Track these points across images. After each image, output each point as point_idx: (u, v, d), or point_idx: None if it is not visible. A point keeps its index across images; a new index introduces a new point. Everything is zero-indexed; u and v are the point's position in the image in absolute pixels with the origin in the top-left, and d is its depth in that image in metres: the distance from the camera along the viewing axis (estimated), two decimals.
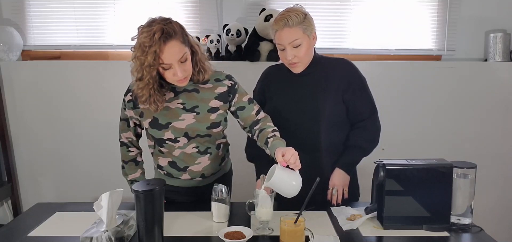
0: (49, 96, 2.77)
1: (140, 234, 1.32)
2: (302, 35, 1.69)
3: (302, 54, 1.71)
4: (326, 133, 1.76)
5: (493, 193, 2.85)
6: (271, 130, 1.62)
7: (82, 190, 2.82)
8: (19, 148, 2.83)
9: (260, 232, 1.46)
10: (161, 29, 1.44)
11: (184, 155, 1.67)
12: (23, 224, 1.59)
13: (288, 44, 1.69)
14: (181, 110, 1.62)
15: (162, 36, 1.44)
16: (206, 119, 1.63)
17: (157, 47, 1.43)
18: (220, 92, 1.66)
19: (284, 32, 1.68)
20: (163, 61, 1.47)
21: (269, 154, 1.56)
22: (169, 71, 1.51)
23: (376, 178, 1.51)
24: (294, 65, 1.73)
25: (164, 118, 1.62)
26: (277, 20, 1.71)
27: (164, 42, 1.44)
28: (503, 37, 2.74)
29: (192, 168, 1.69)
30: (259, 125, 1.67)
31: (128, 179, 1.75)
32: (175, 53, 1.48)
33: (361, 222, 1.52)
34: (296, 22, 1.67)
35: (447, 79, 2.78)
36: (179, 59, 1.49)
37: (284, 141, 1.56)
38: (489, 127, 2.82)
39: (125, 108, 1.68)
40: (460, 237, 1.46)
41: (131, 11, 2.79)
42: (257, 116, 1.70)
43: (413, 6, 2.83)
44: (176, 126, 1.62)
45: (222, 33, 2.68)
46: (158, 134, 1.64)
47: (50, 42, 2.86)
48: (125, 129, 1.72)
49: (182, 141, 1.64)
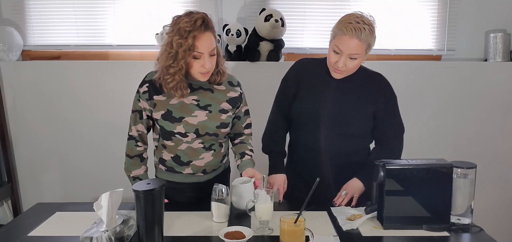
0: (49, 96, 2.77)
1: (140, 234, 1.33)
2: (364, 51, 1.64)
3: (353, 66, 1.67)
4: (344, 139, 1.75)
5: (493, 193, 2.85)
6: (250, 148, 1.80)
7: (82, 190, 2.82)
8: (19, 148, 2.83)
9: (260, 232, 1.46)
10: (202, 18, 1.56)
11: (189, 149, 1.70)
12: (23, 224, 1.59)
13: (347, 53, 1.63)
14: (195, 107, 1.67)
15: (202, 24, 1.56)
16: (217, 118, 1.69)
17: (197, 32, 1.54)
18: (232, 97, 1.74)
19: (352, 42, 1.60)
20: (197, 48, 1.56)
21: (238, 168, 1.77)
22: (198, 61, 1.59)
23: (376, 178, 1.51)
24: (340, 72, 1.69)
25: (178, 112, 1.66)
26: (349, 25, 1.60)
27: (203, 31, 1.56)
28: (503, 37, 2.74)
29: (196, 162, 1.72)
30: (243, 137, 1.84)
31: (130, 176, 1.74)
32: (209, 45, 1.58)
33: (361, 222, 1.53)
34: (368, 38, 1.61)
35: (447, 79, 2.78)
36: (210, 51, 1.59)
37: (254, 163, 1.77)
38: (489, 127, 2.82)
39: (139, 100, 1.70)
40: (460, 237, 1.47)
41: (131, 11, 2.78)
42: (244, 130, 1.83)
43: (413, 6, 2.83)
44: (189, 121, 1.66)
45: (222, 33, 2.68)
46: (169, 127, 1.66)
47: (50, 42, 2.85)
48: (136, 121, 1.72)
49: (191, 136, 1.68)
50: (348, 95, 1.74)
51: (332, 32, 1.69)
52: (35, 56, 2.86)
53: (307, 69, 1.84)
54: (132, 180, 1.73)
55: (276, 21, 2.55)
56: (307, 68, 1.84)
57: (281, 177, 1.79)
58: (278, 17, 2.57)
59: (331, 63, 1.69)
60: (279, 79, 1.92)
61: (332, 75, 1.73)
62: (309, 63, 1.86)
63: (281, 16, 2.60)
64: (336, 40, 1.65)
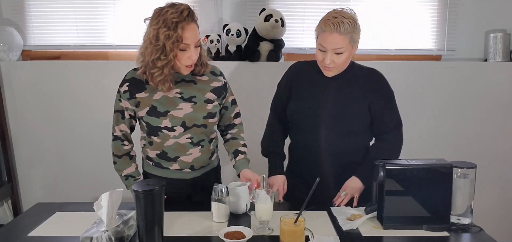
0: (49, 96, 2.77)
1: (140, 234, 1.33)
2: (348, 44, 1.65)
3: (341, 61, 1.67)
4: (344, 138, 1.75)
5: (493, 193, 2.85)
6: (242, 143, 1.78)
7: (82, 190, 2.82)
8: (19, 148, 2.83)
9: (260, 232, 1.46)
10: (188, 9, 1.55)
11: (177, 145, 1.68)
12: (23, 224, 1.59)
13: (331, 49, 1.65)
14: (179, 100, 1.66)
15: (189, 15, 1.54)
16: (203, 109, 1.68)
17: (185, 23, 1.53)
18: (216, 86, 1.73)
19: (332, 37, 1.63)
20: (184, 39, 1.54)
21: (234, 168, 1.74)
22: (184, 53, 1.57)
23: (376, 178, 1.51)
24: (329, 69, 1.71)
25: (162, 107, 1.65)
26: (327, 21, 1.63)
27: (190, 21, 1.55)
28: (503, 37, 2.74)
29: (183, 158, 1.70)
30: (234, 131, 1.82)
31: (122, 175, 1.74)
32: (195, 36, 1.57)
33: (361, 222, 1.53)
34: (348, 30, 1.62)
35: (447, 79, 2.78)
36: (196, 42, 1.58)
37: (249, 160, 1.75)
38: (489, 126, 2.82)
39: (120, 100, 1.69)
40: (460, 237, 1.47)
41: (131, 11, 2.78)
42: (234, 120, 1.81)
43: (413, 6, 2.83)
44: (174, 115, 1.65)
45: (222, 33, 2.68)
46: (155, 122, 1.65)
47: (50, 42, 2.85)
48: (119, 121, 1.71)
49: (178, 130, 1.66)
50: (344, 93, 1.75)
51: (315, 32, 1.72)
52: (35, 56, 2.86)
53: (300, 72, 1.85)
54: (124, 179, 1.73)
55: (276, 21, 2.55)
56: (300, 71, 1.86)
57: (281, 177, 1.79)
58: (278, 17, 2.57)
59: (320, 62, 1.71)
60: (279, 79, 1.93)
61: (324, 74, 1.74)
62: (302, 66, 1.88)
63: (281, 16, 2.60)
64: (319, 38, 1.68)
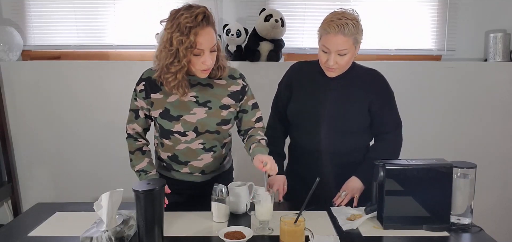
0: (49, 96, 2.77)
1: (140, 234, 1.33)
2: (351, 45, 1.64)
3: (344, 62, 1.67)
4: (344, 138, 1.76)
5: (493, 193, 2.85)
6: (259, 137, 1.67)
7: (82, 190, 2.82)
8: (19, 148, 2.83)
9: (260, 232, 1.46)
10: (203, 13, 1.48)
11: (188, 150, 1.66)
12: (23, 224, 1.59)
13: (335, 51, 1.64)
14: (194, 104, 1.63)
15: (204, 19, 1.48)
16: (217, 115, 1.64)
17: (199, 29, 1.47)
18: (233, 90, 1.68)
19: (336, 39, 1.62)
20: (198, 45, 1.49)
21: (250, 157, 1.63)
22: (198, 58, 1.52)
23: (376, 178, 1.51)
24: (332, 70, 1.70)
25: (176, 111, 1.62)
26: (331, 23, 1.62)
27: (205, 26, 1.48)
28: (503, 37, 2.74)
29: (193, 163, 1.69)
30: (252, 131, 1.73)
31: (136, 171, 1.71)
32: (210, 40, 1.51)
33: (361, 222, 1.52)
34: (352, 32, 1.61)
35: (447, 79, 2.78)
36: (211, 47, 1.52)
37: (267, 148, 1.63)
38: (489, 126, 2.82)
39: (136, 99, 1.66)
40: (460, 237, 1.47)
41: (131, 11, 2.78)
42: (255, 124, 1.75)
43: (413, 6, 2.83)
44: (187, 119, 1.62)
45: (222, 33, 2.68)
46: (167, 125, 1.63)
47: (50, 42, 2.85)
48: (132, 120, 1.70)
49: (190, 135, 1.64)
50: (344, 93, 1.75)
51: (318, 33, 1.71)
52: (35, 56, 2.86)
53: (300, 72, 1.85)
54: (138, 175, 1.70)
55: (276, 21, 2.55)
56: (300, 71, 1.86)
57: (281, 177, 1.79)
58: (278, 17, 2.57)
59: (323, 63, 1.71)
60: (279, 79, 1.93)
61: (327, 74, 1.74)
62: (302, 66, 1.87)
63: (281, 16, 2.60)
64: (323, 40, 1.67)
